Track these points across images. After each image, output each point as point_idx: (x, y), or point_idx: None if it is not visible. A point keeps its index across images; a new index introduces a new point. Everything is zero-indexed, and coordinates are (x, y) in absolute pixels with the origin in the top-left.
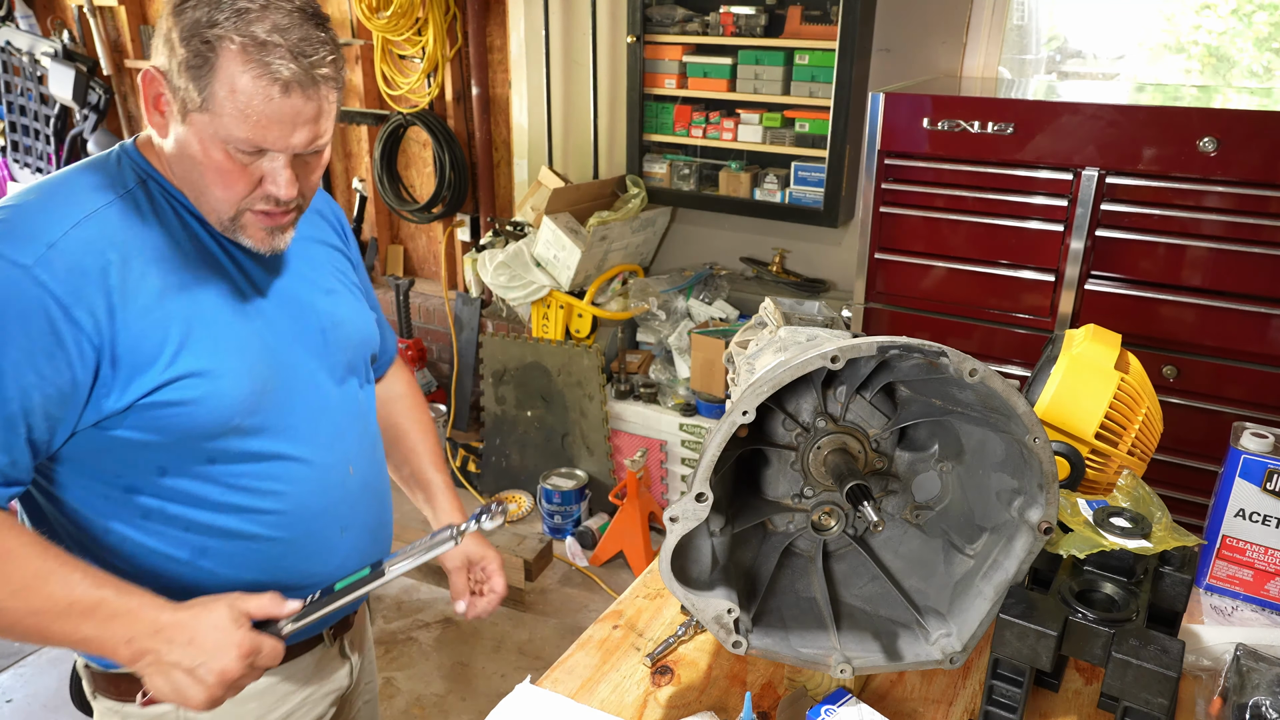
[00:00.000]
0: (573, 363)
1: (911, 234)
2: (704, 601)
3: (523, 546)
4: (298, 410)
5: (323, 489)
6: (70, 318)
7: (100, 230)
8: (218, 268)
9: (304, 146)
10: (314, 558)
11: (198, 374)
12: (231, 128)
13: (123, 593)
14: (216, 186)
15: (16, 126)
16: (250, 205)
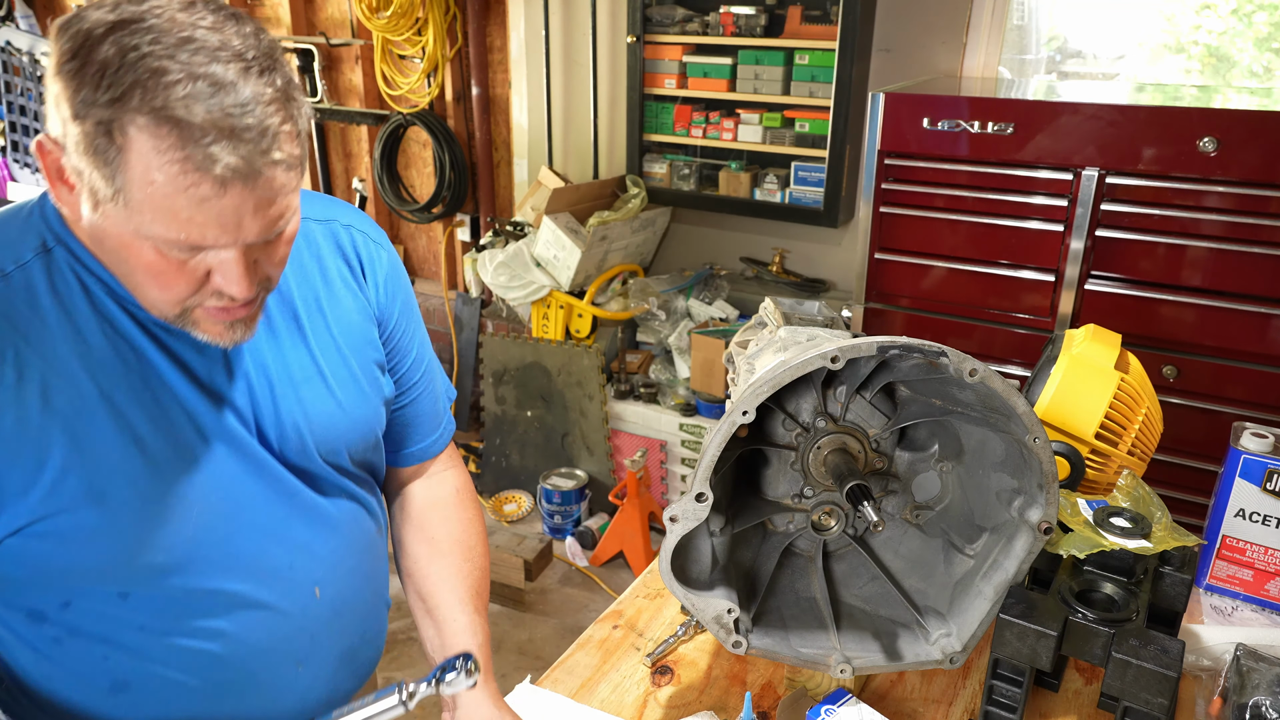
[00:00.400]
0: (573, 363)
1: (911, 234)
2: (704, 601)
3: (523, 546)
4: (240, 539)
5: (272, 624)
6: None
7: None
8: (136, 365)
9: (259, 237)
10: (258, 700)
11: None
12: (157, 227)
13: None
14: (150, 287)
15: (16, 126)
16: (199, 303)
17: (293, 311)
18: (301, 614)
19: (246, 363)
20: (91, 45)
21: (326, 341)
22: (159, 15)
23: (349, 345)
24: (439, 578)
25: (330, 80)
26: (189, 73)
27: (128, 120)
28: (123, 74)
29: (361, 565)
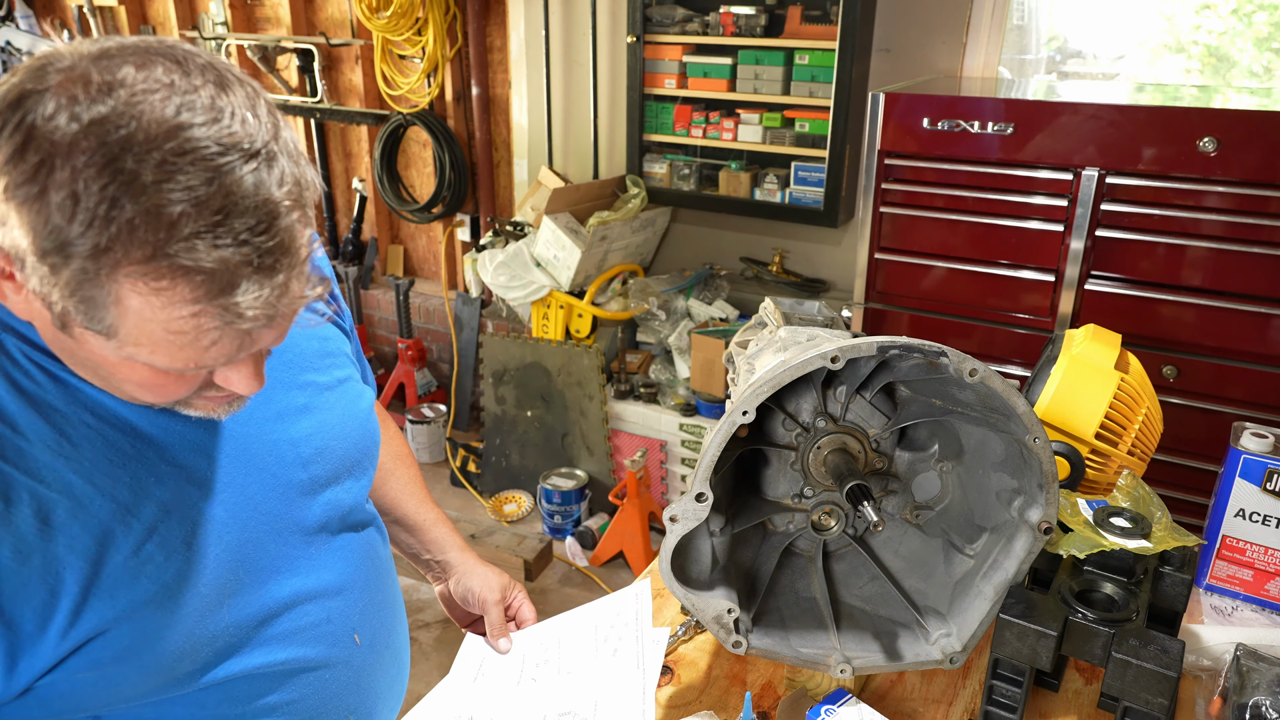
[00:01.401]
0: (573, 363)
1: (911, 234)
2: (704, 601)
3: (523, 546)
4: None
5: (321, 683)
6: None
7: None
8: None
9: (275, 344)
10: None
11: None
12: (158, 359)
13: None
14: (141, 395)
15: None
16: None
17: None
18: (346, 664)
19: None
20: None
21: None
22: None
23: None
24: (397, 490)
25: (330, 80)
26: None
27: (121, 274)
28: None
29: (387, 594)
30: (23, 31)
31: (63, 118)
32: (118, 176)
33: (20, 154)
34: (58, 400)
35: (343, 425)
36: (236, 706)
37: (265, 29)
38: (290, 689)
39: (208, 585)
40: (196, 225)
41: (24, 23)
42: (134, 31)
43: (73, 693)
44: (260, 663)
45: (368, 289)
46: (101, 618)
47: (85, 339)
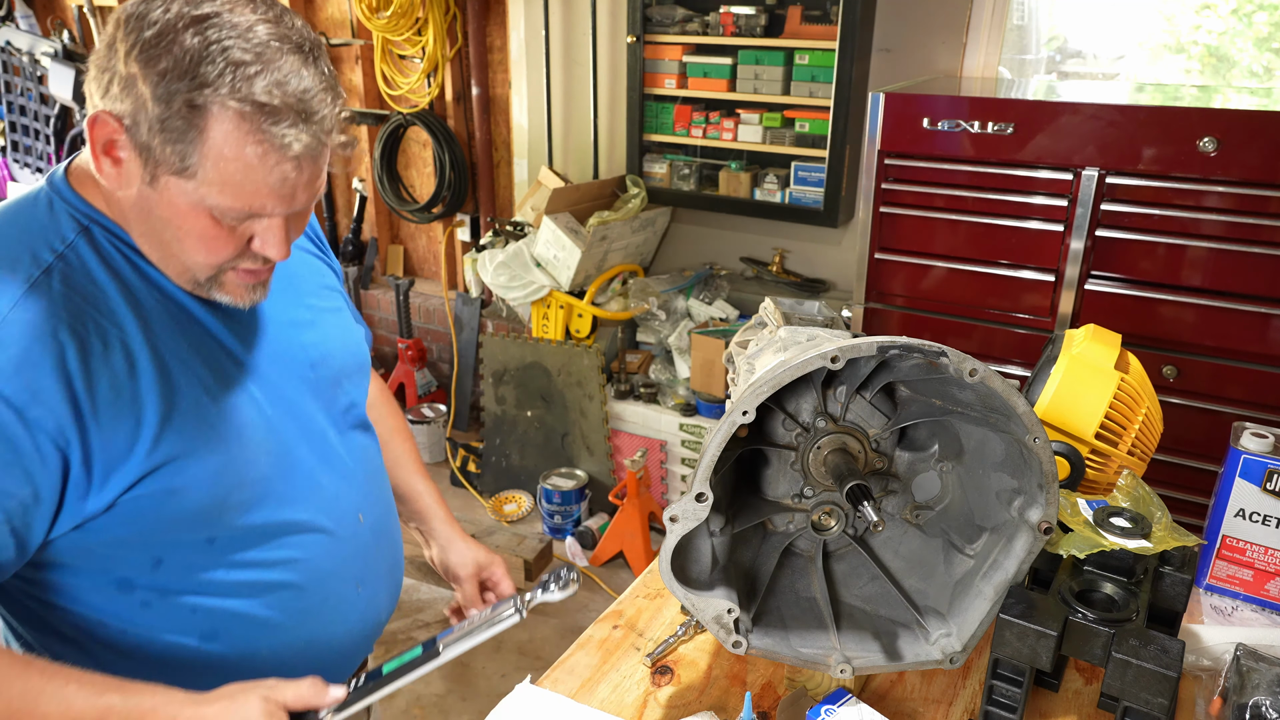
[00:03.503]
0: (573, 363)
1: (911, 234)
2: (704, 601)
3: (523, 546)
4: (298, 471)
5: (333, 549)
6: (25, 420)
7: (45, 306)
8: (189, 324)
9: (304, 206)
10: (330, 622)
11: (184, 455)
12: (223, 199)
13: (131, 694)
14: (196, 252)
15: (16, 126)
16: (233, 265)
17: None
18: (353, 538)
19: (268, 308)
20: (175, 35)
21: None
22: (230, 12)
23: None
24: (391, 460)
25: None
26: (265, 64)
27: (214, 105)
28: (208, 64)
29: (384, 493)
30: (23, 31)
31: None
32: (215, 45)
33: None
34: (133, 277)
35: (340, 340)
36: (262, 552)
37: None
38: (304, 547)
39: (247, 442)
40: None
41: (24, 23)
42: None
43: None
44: (282, 518)
45: (368, 289)
46: (172, 449)
47: (168, 189)
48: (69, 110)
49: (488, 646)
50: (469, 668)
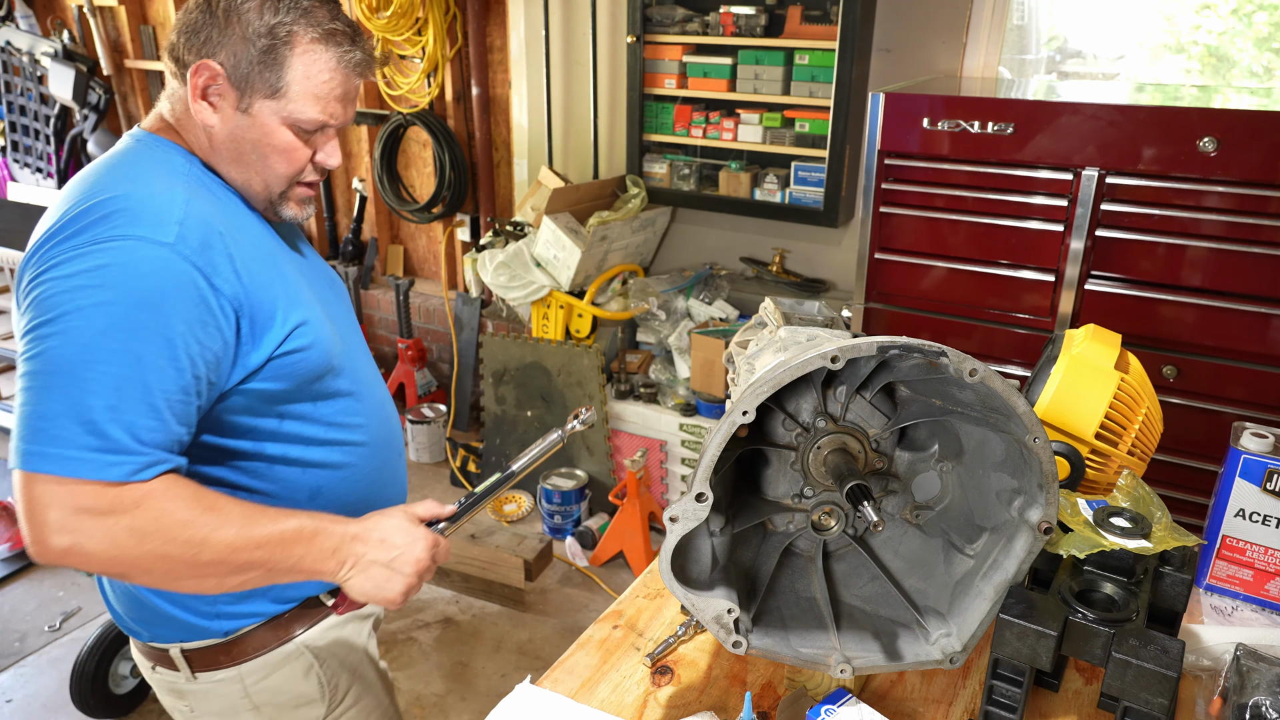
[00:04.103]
0: (573, 363)
1: (911, 234)
2: (704, 601)
3: (523, 546)
4: (352, 352)
5: (384, 419)
6: (213, 286)
7: (204, 205)
8: (274, 236)
9: (349, 120)
10: (389, 483)
11: (304, 323)
12: (305, 110)
13: (311, 517)
14: (280, 164)
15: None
16: (301, 178)
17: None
18: (394, 416)
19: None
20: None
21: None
22: None
23: None
24: None
25: None
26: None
27: (298, 35)
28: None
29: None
30: (23, 31)
31: None
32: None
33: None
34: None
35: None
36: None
37: None
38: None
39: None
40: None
41: (24, 23)
42: (133, 32)
43: (285, 373)
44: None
45: (368, 289)
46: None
47: (260, 113)
48: (69, 110)
49: (487, 646)
50: (469, 668)
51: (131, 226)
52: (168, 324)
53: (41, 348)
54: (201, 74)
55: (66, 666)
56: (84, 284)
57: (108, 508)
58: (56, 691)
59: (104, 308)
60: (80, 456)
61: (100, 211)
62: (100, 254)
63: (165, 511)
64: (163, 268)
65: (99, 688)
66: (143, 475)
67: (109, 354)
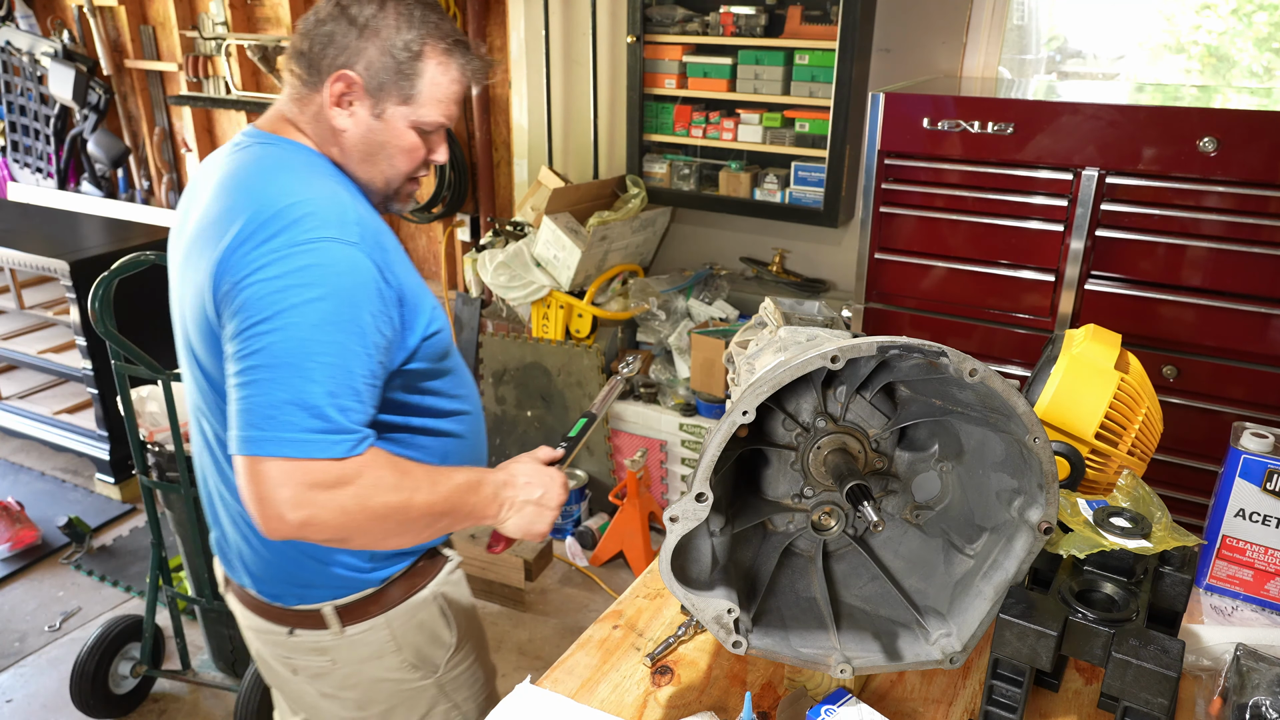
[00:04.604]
0: (573, 363)
1: (911, 234)
2: (704, 601)
3: (523, 546)
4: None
5: (475, 391)
6: (385, 280)
7: (361, 205)
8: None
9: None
10: (483, 446)
11: (435, 306)
12: (429, 114)
13: (468, 470)
14: (403, 162)
15: (16, 126)
16: (415, 174)
17: None
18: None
19: None
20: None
21: None
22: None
23: None
24: None
25: None
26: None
27: (428, 48)
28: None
29: None
30: (23, 31)
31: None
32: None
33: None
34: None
35: None
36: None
37: (265, 29)
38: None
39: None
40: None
41: (24, 23)
42: (133, 32)
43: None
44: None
45: None
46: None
47: (392, 118)
48: (69, 110)
49: None
50: None
51: (323, 229)
52: (360, 316)
53: (261, 344)
54: (340, 83)
55: (66, 666)
56: (293, 284)
57: (335, 481)
58: (56, 691)
59: (315, 304)
60: (309, 439)
61: (289, 217)
62: (302, 256)
63: (379, 479)
64: (356, 266)
65: (99, 688)
66: (358, 450)
67: (323, 346)
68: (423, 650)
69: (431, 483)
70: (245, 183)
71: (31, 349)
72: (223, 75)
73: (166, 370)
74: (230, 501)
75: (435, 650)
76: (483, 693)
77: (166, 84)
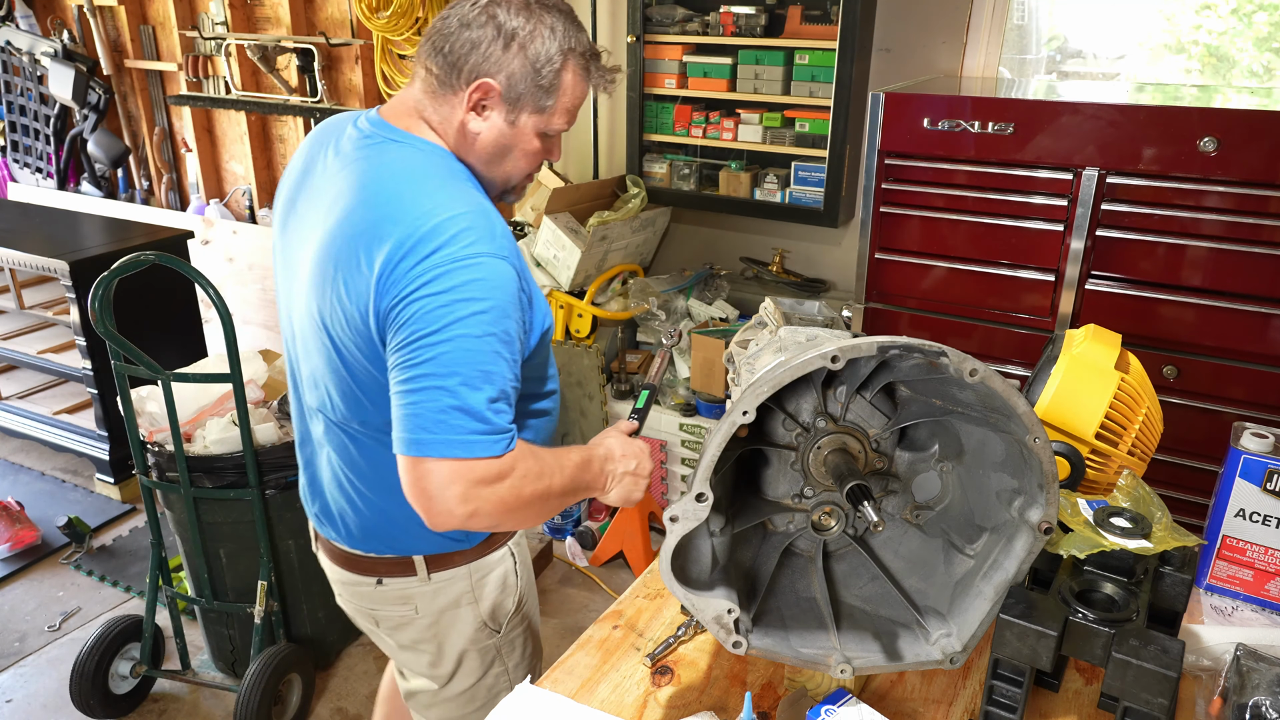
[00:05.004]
0: (573, 363)
1: (911, 234)
2: (704, 601)
3: None
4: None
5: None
6: (523, 286)
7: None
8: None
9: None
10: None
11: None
12: (559, 122)
13: (577, 449)
14: (525, 164)
15: (16, 126)
16: (530, 172)
17: None
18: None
19: None
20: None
21: None
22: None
23: None
24: None
25: (330, 80)
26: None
27: (570, 61)
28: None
29: None
30: (23, 31)
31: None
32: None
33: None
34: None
35: None
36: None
37: (265, 29)
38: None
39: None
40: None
41: (24, 23)
42: (133, 32)
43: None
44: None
45: None
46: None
47: (525, 125)
48: (69, 110)
49: None
50: None
51: (481, 244)
52: (510, 325)
53: (430, 355)
54: (477, 93)
55: (66, 666)
56: (458, 299)
57: (496, 476)
58: (56, 691)
59: (478, 318)
60: (474, 440)
61: (447, 232)
62: (464, 272)
63: (527, 470)
64: (509, 280)
65: (99, 688)
66: (511, 447)
67: (485, 356)
68: (494, 606)
69: (560, 466)
70: (395, 192)
71: (31, 349)
72: (222, 75)
73: (166, 370)
74: (339, 467)
75: (503, 607)
76: (526, 663)
77: (166, 84)
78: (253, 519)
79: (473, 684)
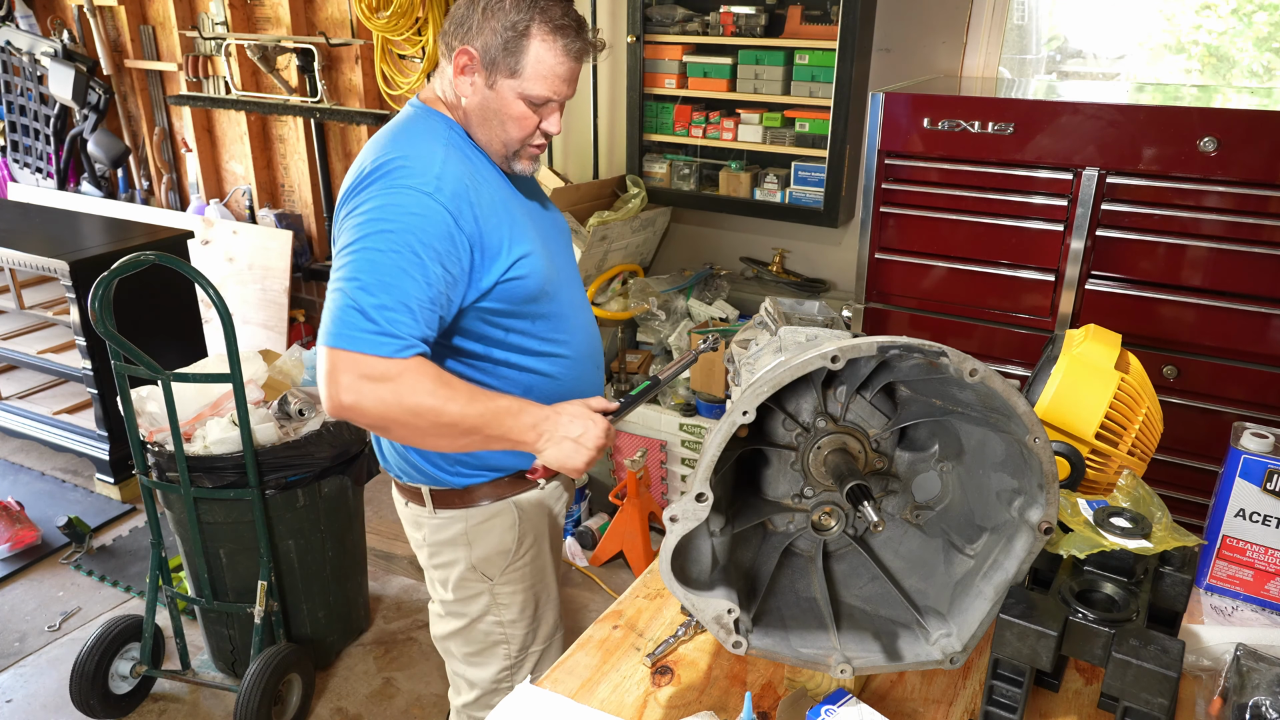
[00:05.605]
0: None
1: (911, 234)
2: (704, 601)
3: None
4: (563, 280)
5: (587, 339)
6: (458, 225)
7: (456, 163)
8: (508, 186)
9: (570, 96)
10: (586, 391)
11: (524, 256)
12: (534, 87)
13: (515, 399)
14: (514, 129)
15: (16, 126)
16: (530, 141)
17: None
18: (593, 339)
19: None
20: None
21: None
22: None
23: None
24: None
25: (330, 80)
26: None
27: (534, 28)
28: (526, 6)
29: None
30: (23, 31)
31: None
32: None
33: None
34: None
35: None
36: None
37: (265, 29)
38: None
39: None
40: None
41: (24, 23)
42: (133, 32)
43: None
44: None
45: None
46: (520, 249)
47: (502, 89)
48: (69, 110)
49: None
50: None
51: (408, 178)
52: (425, 252)
53: (343, 261)
54: (461, 57)
55: (66, 666)
56: (374, 217)
57: (379, 375)
58: (56, 691)
59: (385, 235)
60: (362, 337)
61: (387, 168)
62: (383, 197)
63: (417, 382)
64: (431, 212)
65: (99, 688)
66: (402, 354)
67: (387, 270)
68: (486, 556)
69: (470, 398)
70: (373, 141)
71: (31, 349)
72: (222, 75)
73: (166, 370)
74: None
75: (494, 562)
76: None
77: (166, 84)
78: (252, 519)
79: (467, 624)
